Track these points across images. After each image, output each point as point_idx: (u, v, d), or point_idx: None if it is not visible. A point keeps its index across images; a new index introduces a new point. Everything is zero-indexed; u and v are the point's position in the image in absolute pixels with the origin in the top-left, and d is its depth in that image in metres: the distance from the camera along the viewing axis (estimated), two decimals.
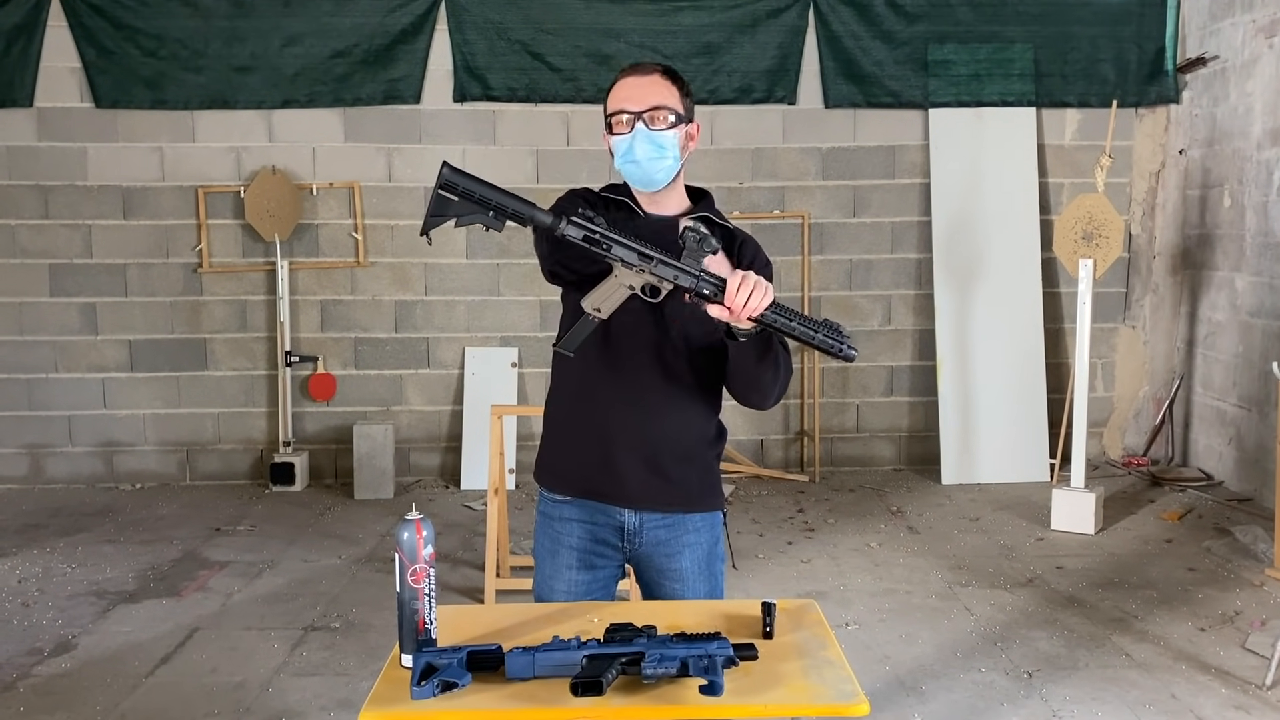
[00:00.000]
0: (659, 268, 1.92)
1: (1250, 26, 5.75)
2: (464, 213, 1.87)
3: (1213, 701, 3.43)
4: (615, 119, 2.09)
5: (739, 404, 2.19)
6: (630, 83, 2.11)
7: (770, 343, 2.02)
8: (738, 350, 2.02)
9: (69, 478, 6.26)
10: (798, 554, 4.94)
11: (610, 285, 1.96)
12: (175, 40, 6.03)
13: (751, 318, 1.91)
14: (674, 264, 1.92)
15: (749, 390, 2.12)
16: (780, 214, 6.36)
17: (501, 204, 1.88)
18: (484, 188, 1.87)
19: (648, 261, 1.92)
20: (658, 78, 2.11)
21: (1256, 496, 5.58)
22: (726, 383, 2.16)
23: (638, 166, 2.08)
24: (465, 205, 1.87)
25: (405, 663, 1.77)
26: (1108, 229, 5.27)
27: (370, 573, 4.72)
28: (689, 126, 2.14)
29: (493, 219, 1.87)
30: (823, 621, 1.99)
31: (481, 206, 1.87)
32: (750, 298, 1.88)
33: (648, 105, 2.07)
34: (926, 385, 6.43)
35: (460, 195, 1.86)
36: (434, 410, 6.39)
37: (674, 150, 2.10)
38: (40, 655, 3.84)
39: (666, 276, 1.93)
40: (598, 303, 1.97)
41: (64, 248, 6.16)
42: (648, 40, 6.14)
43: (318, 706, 3.44)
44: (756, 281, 1.89)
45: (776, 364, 2.07)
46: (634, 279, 1.95)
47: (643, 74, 2.11)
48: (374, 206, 6.23)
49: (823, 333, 1.94)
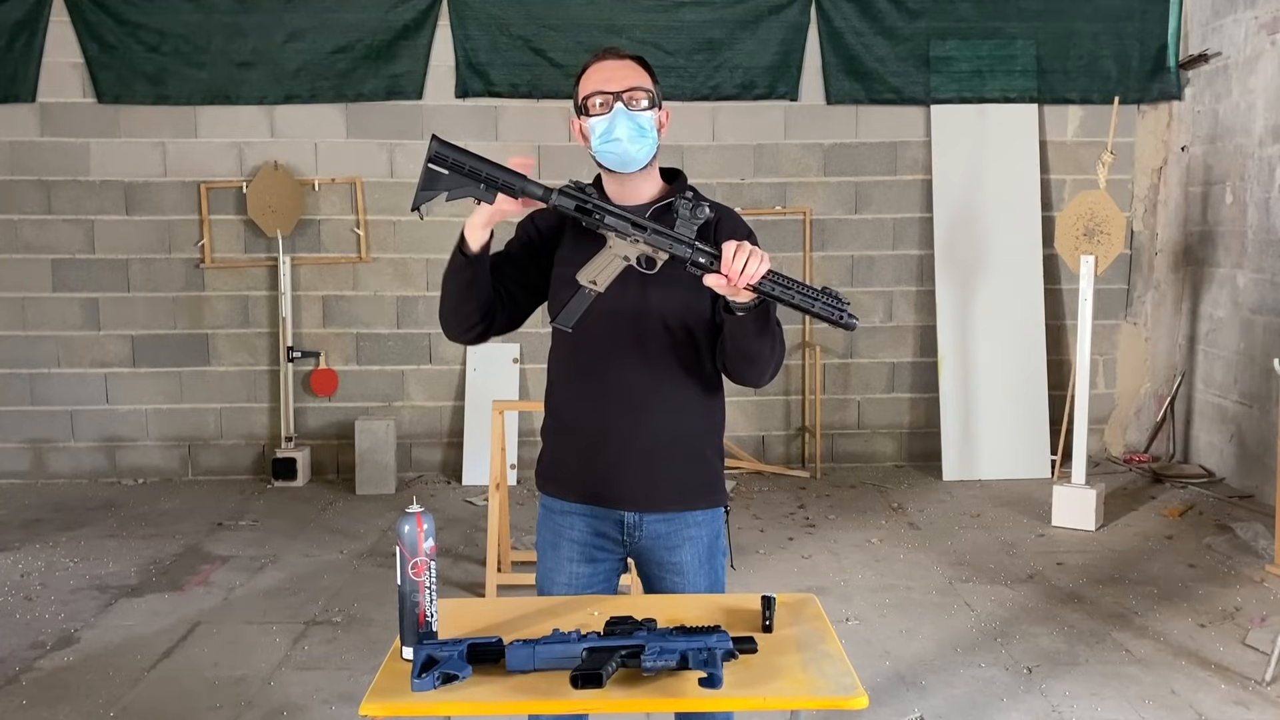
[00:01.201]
0: (652, 237, 1.92)
1: (1253, 23, 5.74)
2: (454, 186, 1.87)
3: (1212, 697, 3.43)
4: (590, 101, 2.07)
5: (733, 382, 2.15)
6: (606, 65, 2.09)
7: (769, 315, 1.99)
8: (736, 325, 1.98)
9: (71, 472, 6.28)
10: (798, 549, 4.95)
11: (605, 257, 1.95)
12: (178, 36, 6.03)
13: (749, 286, 1.88)
14: (668, 233, 1.92)
15: (746, 366, 2.08)
16: (782, 210, 6.36)
17: (492, 175, 1.89)
18: (474, 160, 1.88)
19: (641, 231, 1.92)
20: (630, 62, 2.11)
21: (1257, 493, 5.58)
22: (722, 360, 2.11)
23: (619, 145, 2.06)
24: (455, 179, 1.87)
25: (406, 655, 1.78)
26: (1109, 225, 5.27)
27: (372, 568, 4.73)
28: (660, 113, 2.13)
29: (484, 191, 1.88)
30: (822, 615, 2.00)
31: (472, 179, 1.87)
32: (748, 264, 1.86)
33: (626, 86, 2.06)
34: (928, 381, 6.43)
35: (450, 168, 1.87)
36: (436, 406, 6.40)
37: (652, 131, 2.09)
38: (43, 649, 3.85)
39: (661, 246, 1.92)
40: (593, 275, 1.96)
41: (66, 243, 6.17)
42: (650, 36, 6.13)
43: (319, 700, 3.45)
44: (753, 249, 1.87)
45: (774, 337, 2.04)
46: (628, 249, 1.94)
47: (617, 58, 2.10)
48: (376, 202, 6.24)
49: (822, 301, 1.91)
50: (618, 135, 2.05)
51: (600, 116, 2.06)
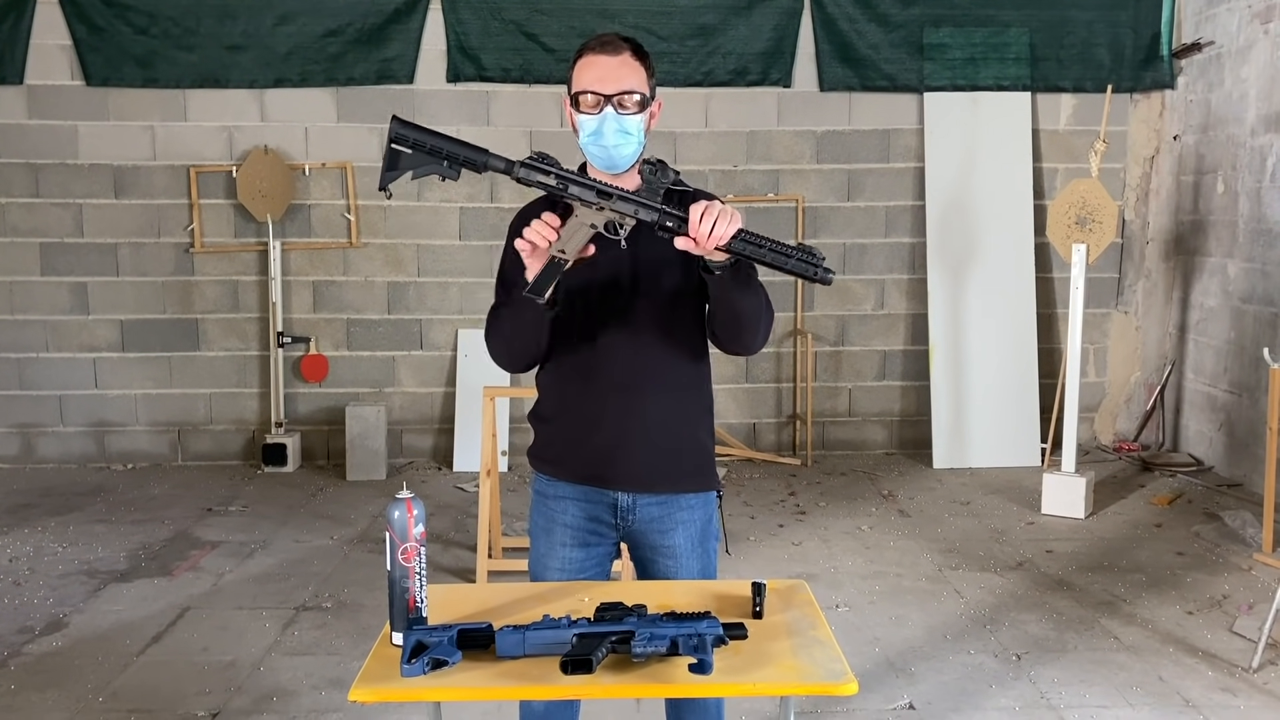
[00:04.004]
0: (618, 203, 1.92)
1: (1246, 12, 5.74)
2: (417, 165, 1.89)
3: (1200, 684, 3.45)
4: (583, 97, 2.06)
5: (726, 351, 2.16)
6: (601, 62, 2.06)
7: (751, 272, 2.00)
8: (716, 284, 1.98)
9: (60, 457, 6.25)
10: (789, 537, 4.96)
11: (572, 226, 1.95)
12: (167, 18, 5.99)
13: (720, 247, 1.88)
14: (632, 198, 1.92)
15: (736, 329, 2.08)
16: (775, 197, 6.35)
17: (454, 152, 1.89)
18: (434, 138, 1.88)
19: (606, 198, 1.92)
20: (628, 57, 2.07)
21: (1246, 482, 5.60)
22: (712, 327, 2.12)
23: (603, 150, 2.07)
24: (418, 157, 1.89)
25: (396, 640, 1.78)
26: (1101, 214, 5.27)
27: (362, 553, 4.72)
28: (652, 106, 2.12)
29: (447, 168, 1.89)
30: (812, 601, 2.00)
31: (434, 156, 1.88)
32: (715, 225, 1.85)
33: (619, 89, 2.04)
34: (919, 370, 6.44)
35: (412, 147, 1.88)
36: (426, 392, 6.39)
37: (639, 134, 2.08)
38: (32, 634, 3.84)
39: (626, 211, 1.92)
40: (561, 245, 1.96)
41: (55, 227, 6.13)
42: (642, 21, 6.10)
43: (309, 685, 3.44)
44: (721, 209, 1.87)
45: (757, 295, 2.04)
46: (595, 218, 1.94)
47: (613, 53, 2.06)
48: (367, 187, 6.21)
49: (796, 257, 1.90)
50: (605, 138, 2.05)
51: (590, 115, 2.06)
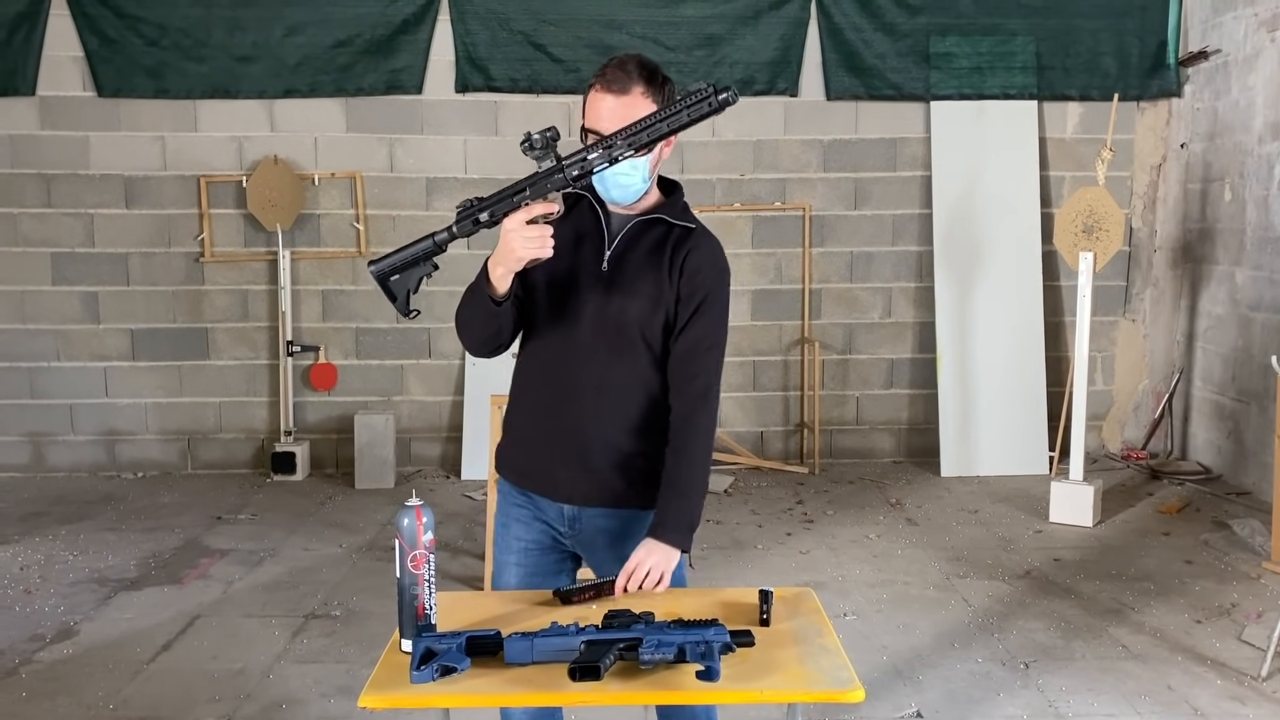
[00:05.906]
0: (533, 190, 1.94)
1: (1252, 20, 5.74)
2: (410, 279, 2.04)
3: (1208, 692, 3.45)
4: (589, 134, 2.03)
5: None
6: (607, 103, 2.01)
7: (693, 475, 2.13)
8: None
9: (71, 466, 6.28)
10: (796, 545, 4.96)
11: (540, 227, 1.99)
12: (177, 29, 6.03)
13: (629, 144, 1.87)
14: (538, 177, 1.93)
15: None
16: (781, 206, 6.36)
17: (422, 252, 2.01)
18: (404, 254, 2.02)
19: (521, 194, 1.95)
20: (638, 95, 2.02)
21: (1255, 490, 5.59)
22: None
23: (604, 187, 2.08)
24: (405, 275, 2.04)
25: (405, 647, 1.79)
26: (1108, 222, 5.28)
27: (371, 561, 4.74)
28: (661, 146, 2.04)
29: (428, 266, 2.03)
30: (820, 609, 2.01)
31: (414, 264, 2.03)
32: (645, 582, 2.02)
33: None
34: (926, 378, 6.44)
35: (398, 272, 2.03)
36: (435, 400, 6.41)
37: (644, 172, 2.07)
38: (42, 641, 3.86)
39: (542, 193, 1.94)
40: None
41: (66, 236, 6.17)
42: (650, 31, 6.13)
43: (318, 693, 3.46)
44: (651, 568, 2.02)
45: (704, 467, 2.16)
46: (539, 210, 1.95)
47: (620, 93, 2.01)
48: (376, 197, 6.24)
49: (687, 109, 1.84)
50: (605, 179, 2.04)
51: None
